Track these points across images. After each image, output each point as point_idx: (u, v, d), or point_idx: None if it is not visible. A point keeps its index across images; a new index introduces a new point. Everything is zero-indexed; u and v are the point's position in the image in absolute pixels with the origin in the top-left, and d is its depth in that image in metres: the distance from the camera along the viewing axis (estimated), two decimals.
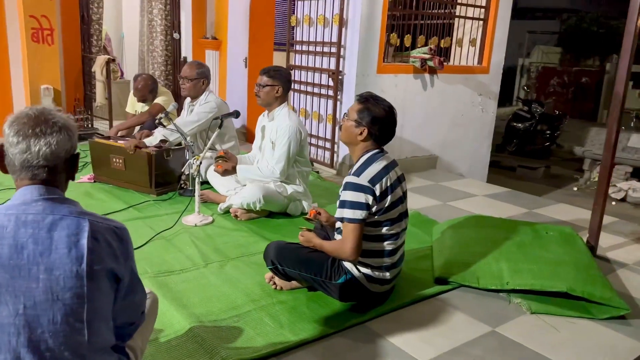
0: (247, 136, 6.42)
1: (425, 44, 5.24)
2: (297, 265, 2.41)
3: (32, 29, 5.33)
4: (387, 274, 2.42)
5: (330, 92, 4.97)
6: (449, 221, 3.51)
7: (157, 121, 3.71)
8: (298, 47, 5.38)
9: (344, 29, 4.76)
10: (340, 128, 3.60)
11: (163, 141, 4.00)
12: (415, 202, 4.22)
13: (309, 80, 5.26)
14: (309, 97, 5.32)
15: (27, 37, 5.33)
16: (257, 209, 3.46)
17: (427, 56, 5.03)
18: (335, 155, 5.09)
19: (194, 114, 4.14)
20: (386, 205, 2.32)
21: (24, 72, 5.44)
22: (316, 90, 5.19)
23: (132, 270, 1.52)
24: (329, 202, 4.02)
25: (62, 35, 5.94)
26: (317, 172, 5.02)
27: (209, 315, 2.27)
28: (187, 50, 7.02)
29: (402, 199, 2.44)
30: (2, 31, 5.44)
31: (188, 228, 3.32)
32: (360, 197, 2.26)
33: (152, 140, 3.98)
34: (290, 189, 3.61)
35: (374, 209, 2.30)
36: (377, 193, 2.28)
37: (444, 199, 4.42)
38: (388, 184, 2.33)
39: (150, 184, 3.92)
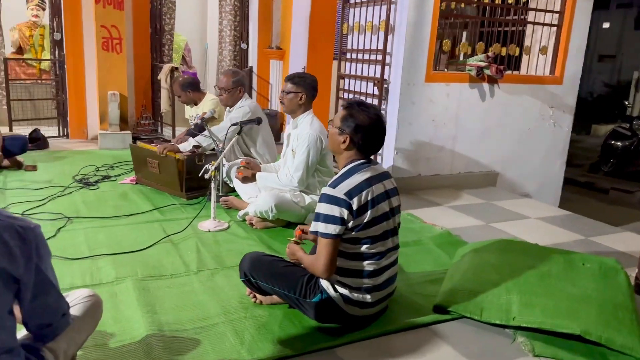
0: None
1: (486, 52, 4.86)
2: (271, 279, 2.27)
3: (103, 38, 5.71)
4: (368, 296, 2.20)
5: (376, 102, 4.77)
6: (475, 243, 3.17)
7: (192, 127, 3.77)
8: (349, 56, 5.25)
9: (390, 36, 4.56)
10: None
11: (197, 147, 4.06)
12: (452, 221, 3.90)
13: (357, 89, 5.10)
14: None
15: (98, 45, 5.71)
16: (271, 217, 3.37)
17: (483, 64, 4.66)
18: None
19: (227, 119, 4.16)
20: (365, 220, 2.12)
21: (96, 78, 5.83)
22: (362, 99, 5.02)
23: (39, 272, 1.49)
24: None
25: (134, 44, 6.32)
26: None
27: (174, 324, 2.20)
28: (253, 60, 7.17)
29: (389, 215, 2.22)
30: (80, 40, 5.87)
31: (200, 233, 3.31)
32: (334, 210, 2.08)
33: (185, 146, 4.05)
34: (308, 199, 3.47)
35: (350, 224, 2.10)
36: (354, 207, 2.09)
37: (489, 220, 4.03)
38: (369, 198, 2.13)
39: (181, 188, 3.98)
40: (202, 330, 2.17)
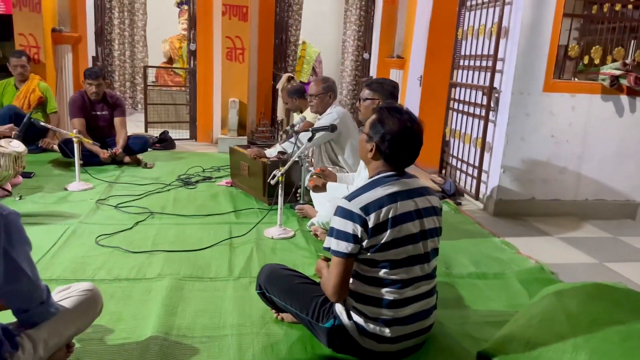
0: None
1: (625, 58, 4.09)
2: (284, 295, 2.09)
3: (227, 48, 6.04)
4: (387, 330, 1.90)
5: (484, 112, 4.28)
6: (565, 284, 2.61)
7: (283, 134, 3.76)
8: (462, 62, 4.81)
9: (503, 40, 4.06)
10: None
11: (283, 153, 4.03)
12: (556, 255, 3.31)
13: (466, 98, 4.65)
14: (464, 117, 4.70)
15: (223, 55, 6.06)
16: None
17: (619, 72, 3.91)
18: (482, 185, 4.36)
19: (315, 126, 4.06)
20: (383, 241, 1.83)
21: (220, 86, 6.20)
22: (471, 109, 4.55)
23: (8, 258, 1.52)
24: (442, 237, 3.43)
25: (258, 54, 6.58)
26: (459, 202, 4.37)
27: (184, 329, 2.14)
28: (373, 71, 7.02)
29: (417, 238, 1.90)
30: (210, 51, 6.30)
31: (262, 239, 3.24)
32: (347, 226, 1.84)
33: (272, 152, 4.05)
34: None
35: (364, 243, 1.84)
36: (371, 224, 1.82)
37: (605, 258, 3.33)
38: (389, 216, 1.84)
39: (263, 193, 3.98)
40: (208, 340, 2.07)
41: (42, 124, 4.31)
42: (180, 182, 4.48)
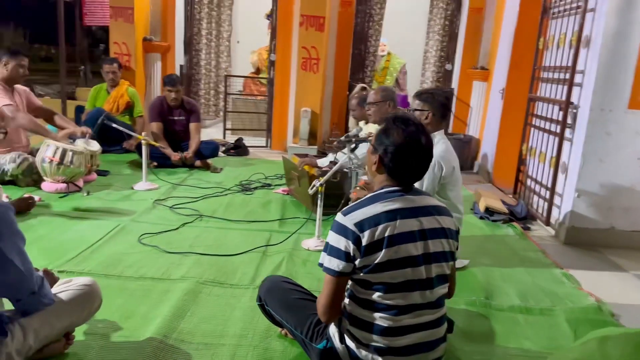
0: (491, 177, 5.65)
1: None
2: (281, 309, 2.00)
3: (303, 59, 6.10)
4: (380, 359, 1.75)
5: (560, 129, 3.89)
6: (616, 328, 2.26)
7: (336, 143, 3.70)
8: (544, 75, 4.43)
9: (583, 50, 3.66)
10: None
11: (334, 163, 3.95)
12: (625, 294, 2.91)
13: (543, 113, 4.25)
14: (540, 133, 4.30)
15: (298, 65, 6.13)
16: None
17: None
18: (555, 210, 3.94)
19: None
20: (376, 262, 1.69)
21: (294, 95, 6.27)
22: (547, 125, 4.16)
23: None
24: (494, 263, 3.17)
25: (335, 64, 6.57)
26: (528, 227, 3.99)
27: (185, 333, 2.13)
28: (454, 82, 6.71)
29: (418, 261, 1.72)
30: (288, 61, 6.39)
31: (297, 250, 3.18)
32: (340, 242, 1.72)
33: (324, 161, 3.99)
34: None
35: (357, 263, 1.70)
36: (364, 242, 1.68)
37: None
38: (385, 234, 1.69)
39: (312, 203, 3.92)
40: (204, 347, 2.04)
41: (114, 125, 4.61)
42: (239, 188, 4.56)
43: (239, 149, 6.21)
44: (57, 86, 8.47)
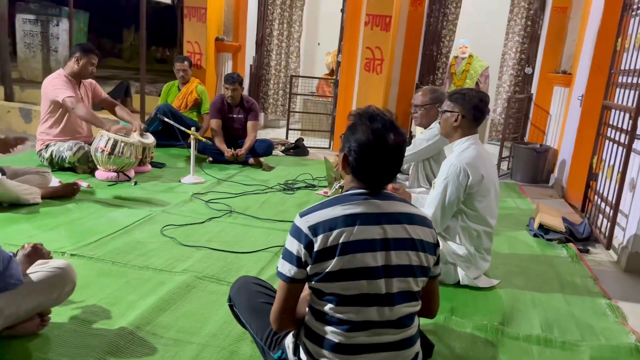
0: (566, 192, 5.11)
1: None
2: (246, 312, 1.90)
3: (366, 59, 5.94)
4: None
5: (627, 140, 3.41)
6: None
7: None
8: (620, 79, 3.92)
9: None
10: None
11: None
12: None
13: (614, 122, 3.76)
14: (610, 145, 3.80)
15: (361, 66, 5.98)
16: None
17: None
18: (619, 231, 3.45)
19: (413, 141, 3.71)
20: (328, 270, 1.53)
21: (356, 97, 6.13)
22: (616, 135, 3.67)
23: None
24: (529, 286, 2.84)
25: (402, 66, 6.34)
26: (587, 249, 3.54)
27: (160, 327, 2.10)
28: (534, 86, 6.18)
29: (377, 273, 1.54)
30: (354, 62, 6.27)
31: None
32: (293, 245, 1.58)
33: None
34: (440, 245, 2.75)
35: (309, 270, 1.56)
36: (316, 247, 1.54)
37: None
38: (340, 241, 1.53)
39: None
40: (172, 344, 1.99)
41: (166, 120, 4.77)
42: (281, 187, 4.52)
43: (297, 149, 6.19)
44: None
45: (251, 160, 5.30)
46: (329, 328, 1.58)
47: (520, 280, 2.91)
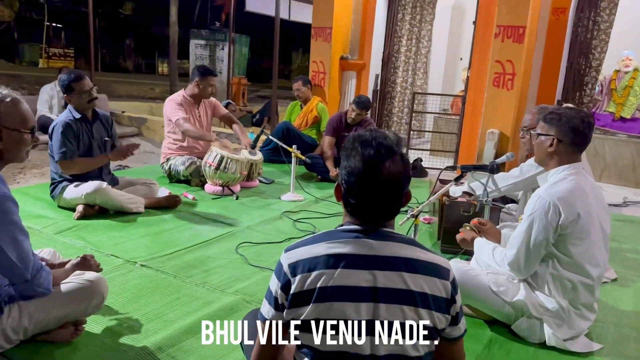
0: None
1: None
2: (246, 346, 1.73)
3: (495, 74, 5.41)
4: None
5: None
6: None
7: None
8: None
9: None
10: None
11: (469, 194, 3.36)
12: None
13: None
14: None
15: (489, 81, 5.46)
16: None
17: None
18: None
19: (521, 167, 3.22)
20: (302, 318, 1.32)
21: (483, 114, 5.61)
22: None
23: None
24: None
25: (540, 81, 5.65)
26: None
27: (183, 352, 2.04)
28: None
29: (362, 329, 1.30)
30: (483, 77, 5.75)
31: None
32: (273, 283, 1.40)
33: (457, 190, 3.42)
34: (522, 295, 2.29)
35: (285, 315, 1.36)
36: (293, 289, 1.34)
37: None
38: (317, 285, 1.31)
39: (438, 236, 3.40)
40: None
41: (271, 138, 4.83)
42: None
43: (414, 170, 5.85)
44: None
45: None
46: None
47: (634, 348, 2.29)
